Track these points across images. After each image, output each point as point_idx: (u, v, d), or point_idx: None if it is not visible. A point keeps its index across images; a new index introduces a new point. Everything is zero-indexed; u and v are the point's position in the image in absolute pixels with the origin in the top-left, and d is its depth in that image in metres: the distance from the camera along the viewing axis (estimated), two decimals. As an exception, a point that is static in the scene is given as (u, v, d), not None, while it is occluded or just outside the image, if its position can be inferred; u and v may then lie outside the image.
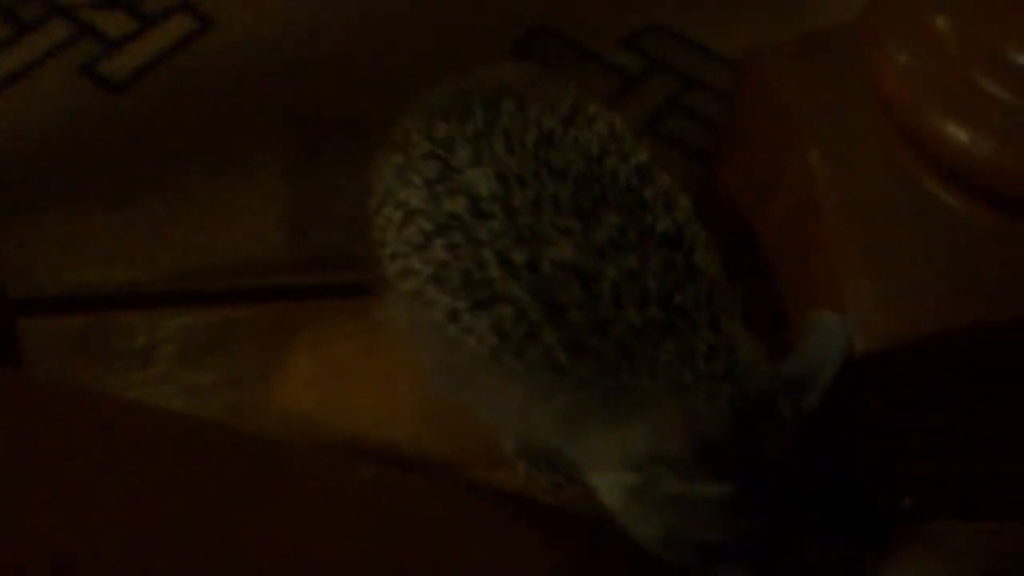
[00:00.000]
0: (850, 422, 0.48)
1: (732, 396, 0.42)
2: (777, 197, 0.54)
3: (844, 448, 0.49)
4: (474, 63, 0.83)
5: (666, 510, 0.42)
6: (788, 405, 0.43)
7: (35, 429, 0.33)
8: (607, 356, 0.43)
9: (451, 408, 0.53)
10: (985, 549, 0.48)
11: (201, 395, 0.54)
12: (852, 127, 0.50)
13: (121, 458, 0.34)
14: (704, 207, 0.65)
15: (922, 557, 0.48)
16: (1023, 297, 0.45)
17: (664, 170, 0.49)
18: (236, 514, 0.36)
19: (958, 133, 0.44)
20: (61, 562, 0.30)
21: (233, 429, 0.42)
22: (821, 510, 0.46)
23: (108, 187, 0.73)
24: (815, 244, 0.49)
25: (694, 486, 0.41)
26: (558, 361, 0.43)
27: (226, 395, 0.54)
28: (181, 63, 0.82)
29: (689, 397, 0.42)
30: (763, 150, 0.56)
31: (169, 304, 0.57)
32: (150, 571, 0.32)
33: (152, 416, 0.38)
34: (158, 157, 0.76)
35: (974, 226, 0.45)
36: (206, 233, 0.70)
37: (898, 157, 0.47)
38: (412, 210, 0.47)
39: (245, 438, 0.41)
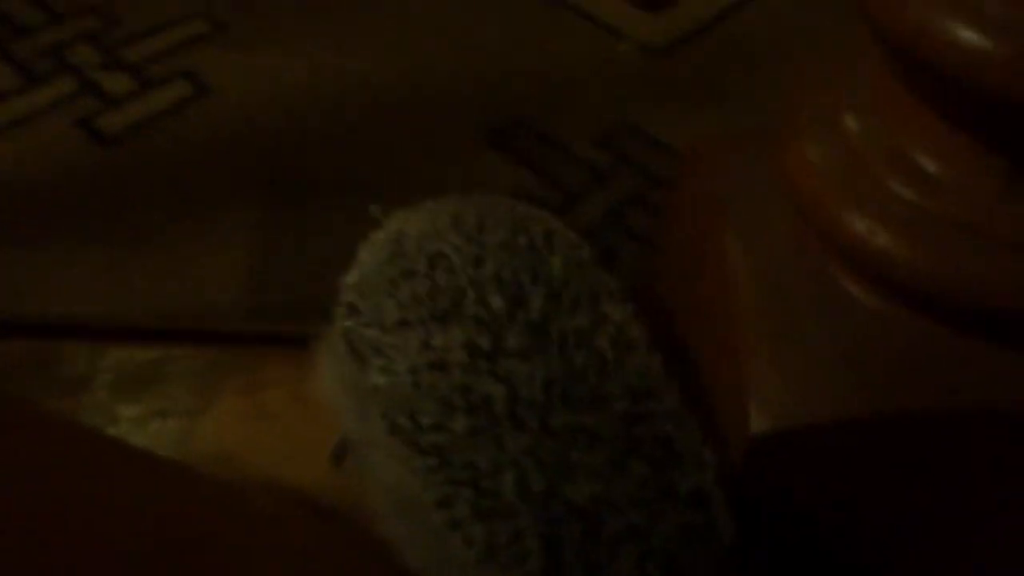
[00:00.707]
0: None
1: None
2: (701, 283, 0.56)
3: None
4: (452, 147, 0.87)
5: None
6: None
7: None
8: None
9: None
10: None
11: (128, 425, 0.56)
12: (770, 217, 0.52)
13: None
14: (644, 292, 0.67)
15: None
16: (914, 387, 0.46)
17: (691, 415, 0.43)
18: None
19: (858, 224, 0.46)
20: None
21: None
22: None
23: (84, 230, 0.77)
24: (728, 329, 0.51)
25: None
26: None
27: (152, 427, 0.56)
28: (173, 125, 0.86)
29: None
30: (691, 237, 0.58)
31: (111, 338, 0.59)
32: None
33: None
34: (137, 207, 0.79)
35: (873, 315, 0.47)
36: (167, 279, 0.73)
37: (807, 246, 0.49)
38: (447, 363, 0.42)
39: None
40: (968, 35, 0.40)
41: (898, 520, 0.47)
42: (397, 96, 0.93)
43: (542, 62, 0.96)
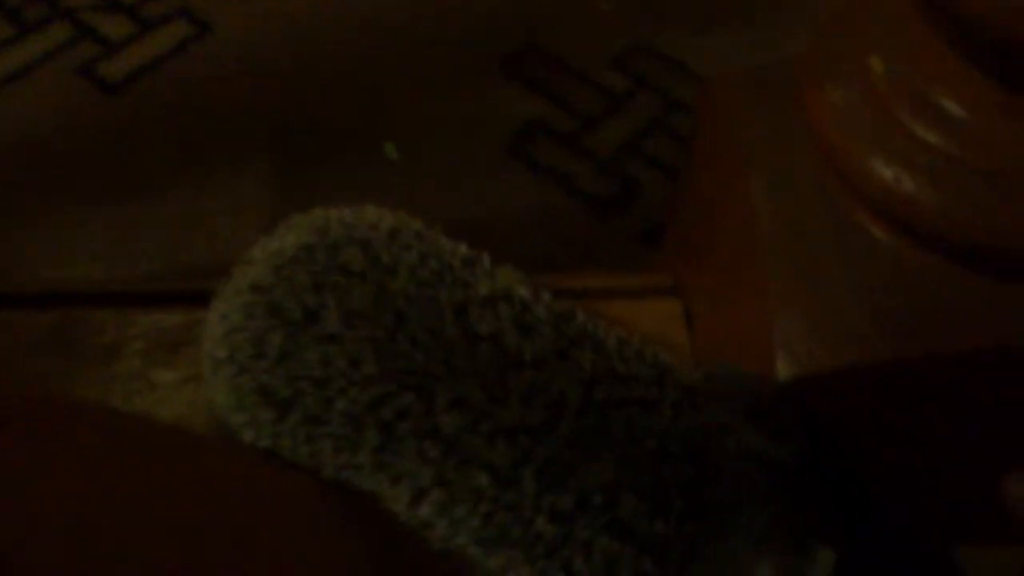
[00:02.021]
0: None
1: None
2: (723, 224, 0.56)
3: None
4: (464, 78, 0.85)
5: None
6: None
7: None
8: None
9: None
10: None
11: (164, 391, 0.57)
12: (793, 159, 0.51)
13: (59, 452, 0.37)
14: (666, 230, 0.67)
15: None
16: (938, 332, 0.46)
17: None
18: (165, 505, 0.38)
19: (884, 171, 0.46)
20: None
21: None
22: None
23: (95, 187, 0.76)
24: (751, 273, 0.51)
25: None
26: None
27: (188, 392, 0.57)
28: (176, 67, 0.85)
29: None
30: (715, 178, 0.57)
31: (139, 303, 0.60)
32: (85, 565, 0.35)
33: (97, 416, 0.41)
34: (147, 159, 0.79)
35: (898, 260, 0.47)
36: (185, 235, 0.73)
37: (831, 190, 0.49)
38: None
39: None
40: (997, -22, 0.39)
41: (916, 452, 0.48)
42: (404, 27, 0.91)
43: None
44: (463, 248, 0.49)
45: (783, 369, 0.47)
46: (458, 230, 0.50)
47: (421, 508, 0.44)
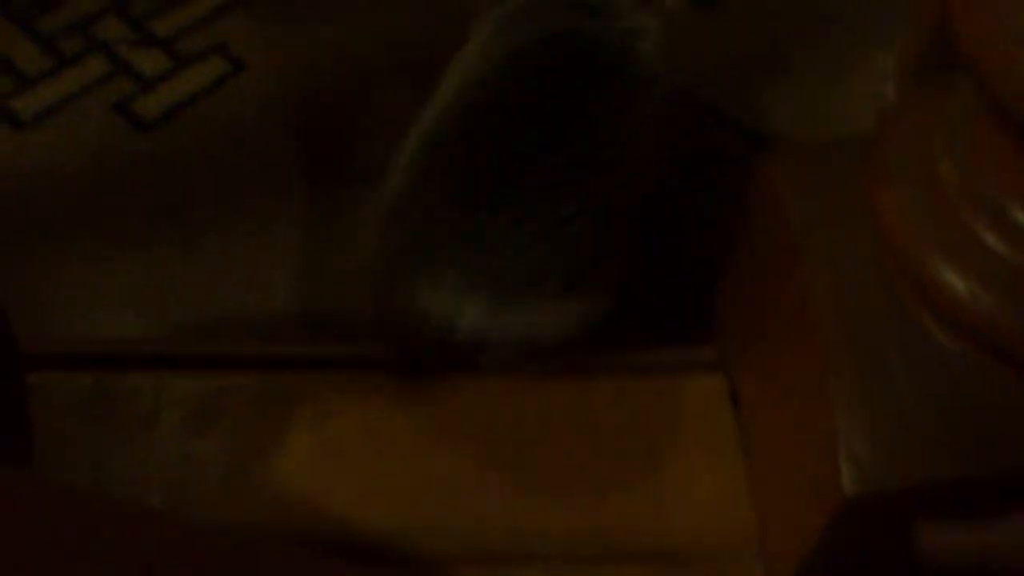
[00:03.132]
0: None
1: None
2: (776, 310, 0.54)
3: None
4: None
5: None
6: None
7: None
8: None
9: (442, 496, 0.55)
10: None
11: (199, 464, 0.56)
12: (854, 253, 0.50)
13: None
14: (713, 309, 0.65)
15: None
16: (1013, 448, 0.45)
17: None
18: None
19: (957, 282, 0.44)
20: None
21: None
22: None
23: (126, 230, 0.75)
24: (809, 370, 0.50)
25: None
26: None
27: (223, 465, 0.56)
28: (211, 105, 0.83)
29: None
30: (766, 261, 0.56)
31: (175, 366, 0.59)
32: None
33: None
34: (178, 200, 0.77)
35: (970, 372, 0.46)
36: (216, 284, 0.71)
37: (896, 291, 0.48)
38: None
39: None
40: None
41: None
42: (443, 64, 0.90)
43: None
44: None
45: (849, 486, 0.45)
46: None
47: None
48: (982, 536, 0.47)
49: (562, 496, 0.55)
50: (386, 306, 0.53)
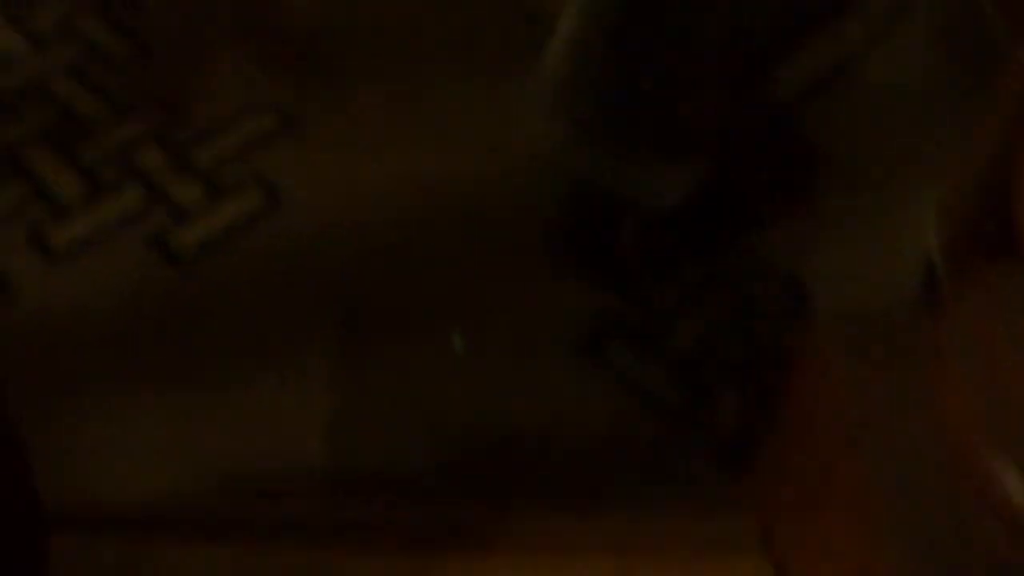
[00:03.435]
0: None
1: None
2: (828, 497, 0.52)
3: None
4: (536, 267, 0.82)
5: None
6: None
7: None
8: None
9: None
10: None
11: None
12: (909, 442, 0.48)
13: None
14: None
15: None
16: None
17: None
18: None
19: (1019, 490, 0.42)
20: None
21: None
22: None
23: (156, 369, 0.73)
24: (868, 560, 0.47)
25: None
26: None
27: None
28: (246, 240, 0.82)
29: None
30: (816, 437, 0.54)
31: (200, 533, 0.57)
32: None
33: None
34: (208, 343, 0.75)
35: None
36: (246, 438, 0.69)
37: (960, 492, 0.45)
38: None
39: None
40: None
41: None
42: (480, 206, 0.87)
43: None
44: None
45: None
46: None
47: None
48: None
49: None
50: (561, 171, 0.67)
